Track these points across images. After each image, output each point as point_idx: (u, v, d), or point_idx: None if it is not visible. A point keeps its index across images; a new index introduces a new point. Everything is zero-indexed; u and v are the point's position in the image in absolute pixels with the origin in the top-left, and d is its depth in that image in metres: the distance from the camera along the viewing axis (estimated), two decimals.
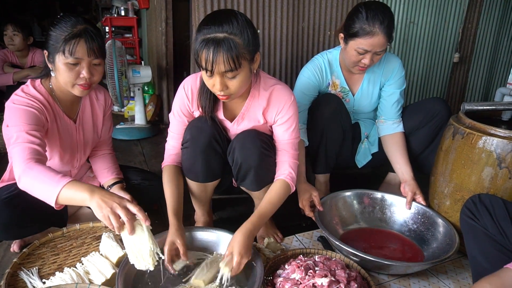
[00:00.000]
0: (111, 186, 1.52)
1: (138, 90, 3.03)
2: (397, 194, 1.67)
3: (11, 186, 1.34)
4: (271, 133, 1.45)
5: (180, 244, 1.22)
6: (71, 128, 1.45)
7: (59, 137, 1.40)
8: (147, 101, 3.54)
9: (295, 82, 1.81)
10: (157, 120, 3.43)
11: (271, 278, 1.26)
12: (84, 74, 1.29)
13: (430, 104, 1.76)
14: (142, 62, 4.33)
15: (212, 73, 1.15)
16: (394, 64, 1.75)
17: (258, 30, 2.15)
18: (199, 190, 1.50)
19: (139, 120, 3.13)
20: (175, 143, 1.44)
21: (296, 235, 1.60)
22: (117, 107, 3.67)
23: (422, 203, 1.59)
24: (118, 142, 2.94)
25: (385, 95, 1.79)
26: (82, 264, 1.29)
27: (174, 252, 1.23)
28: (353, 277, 1.22)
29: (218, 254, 1.33)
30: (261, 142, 1.34)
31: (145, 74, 2.91)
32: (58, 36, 1.25)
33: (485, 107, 1.50)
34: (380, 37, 1.53)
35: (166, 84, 3.32)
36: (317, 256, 1.33)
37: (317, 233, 1.62)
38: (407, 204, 1.60)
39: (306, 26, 2.27)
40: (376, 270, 1.39)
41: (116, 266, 1.27)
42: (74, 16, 1.29)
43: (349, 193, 1.66)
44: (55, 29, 1.26)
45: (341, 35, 1.67)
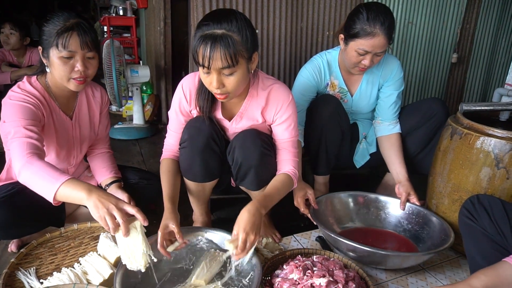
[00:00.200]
0: (109, 185, 1.52)
1: (137, 89, 3.02)
2: (394, 195, 1.67)
3: (9, 186, 1.34)
4: (270, 132, 1.45)
5: (173, 226, 1.21)
6: (67, 124, 1.45)
7: (56, 133, 1.40)
8: (145, 101, 3.54)
9: (294, 82, 1.81)
10: (155, 120, 3.43)
11: (269, 278, 1.26)
12: (78, 67, 1.29)
13: (428, 104, 1.76)
14: (141, 62, 4.32)
15: (209, 69, 1.14)
16: (393, 65, 1.76)
17: (257, 30, 2.15)
18: (197, 190, 1.50)
19: (137, 120, 3.13)
20: (173, 141, 1.45)
21: (294, 235, 1.60)
22: (115, 107, 3.66)
23: (416, 204, 1.59)
24: (116, 142, 2.93)
25: (383, 96, 1.79)
26: (80, 264, 1.28)
27: (167, 236, 1.22)
28: (351, 277, 1.22)
29: (217, 251, 1.33)
30: (261, 141, 1.34)
31: (143, 74, 2.91)
32: (51, 30, 1.27)
33: (483, 108, 1.50)
34: (380, 38, 1.53)
35: (165, 84, 3.32)
36: (315, 256, 1.33)
37: (315, 233, 1.62)
38: (401, 204, 1.60)
39: (304, 26, 2.27)
40: (373, 265, 1.39)
41: (114, 266, 1.27)
42: (66, 11, 1.30)
43: (344, 194, 1.66)
44: (48, 24, 1.28)
45: (341, 36, 1.67)
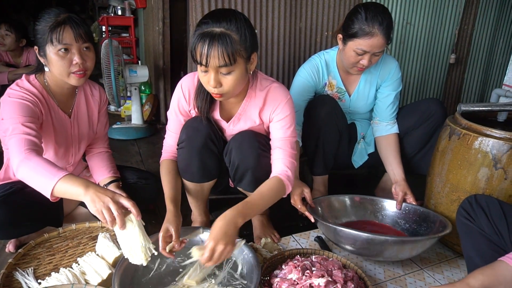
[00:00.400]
0: (107, 184, 1.51)
1: (135, 89, 3.02)
2: (392, 195, 1.67)
3: (6, 185, 1.34)
4: (268, 134, 1.45)
5: (173, 231, 1.21)
6: (66, 122, 1.45)
7: (54, 131, 1.40)
8: (144, 100, 3.54)
9: (292, 82, 1.81)
10: (153, 120, 3.42)
11: (268, 278, 1.26)
12: (76, 60, 1.30)
13: (426, 104, 1.76)
14: (139, 62, 4.32)
15: (206, 67, 1.14)
16: (391, 65, 1.76)
17: (256, 30, 2.15)
18: (196, 190, 1.50)
19: (136, 120, 3.12)
20: (173, 142, 1.45)
21: (293, 235, 1.60)
22: (113, 107, 3.65)
23: (413, 203, 1.59)
24: (114, 142, 2.93)
25: (381, 97, 1.80)
26: (78, 264, 1.28)
27: (169, 239, 1.22)
28: (350, 277, 1.22)
29: None
30: (258, 143, 1.34)
31: (142, 73, 2.90)
32: (44, 28, 1.27)
33: (481, 108, 1.51)
34: (379, 38, 1.53)
35: (163, 83, 3.31)
36: (314, 256, 1.33)
37: (314, 233, 1.62)
38: (398, 204, 1.60)
39: (303, 26, 2.27)
40: (372, 257, 1.38)
41: (112, 267, 1.26)
42: (56, 8, 1.32)
43: (341, 197, 1.66)
44: (40, 22, 1.29)
45: (339, 36, 1.67)
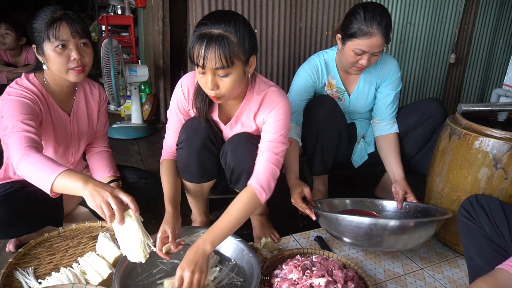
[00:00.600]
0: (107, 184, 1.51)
1: (135, 89, 3.02)
2: (392, 194, 1.67)
3: (6, 185, 1.34)
4: None
5: (170, 232, 1.21)
6: (65, 120, 1.45)
7: (53, 129, 1.41)
8: (144, 100, 3.53)
9: (291, 82, 1.81)
10: (153, 119, 3.42)
11: (269, 278, 1.26)
12: (74, 56, 1.30)
13: (426, 104, 1.76)
14: (139, 61, 4.31)
15: (203, 68, 1.13)
16: (391, 65, 1.76)
17: (256, 30, 2.15)
18: (195, 190, 1.50)
19: (136, 119, 3.12)
20: (173, 142, 1.44)
21: (293, 235, 1.60)
22: (113, 106, 3.65)
23: (414, 202, 1.59)
24: (114, 141, 2.92)
25: (380, 96, 1.80)
26: (79, 264, 1.28)
27: (166, 240, 1.22)
28: (350, 277, 1.22)
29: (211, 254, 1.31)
30: (253, 145, 1.33)
31: (141, 73, 2.90)
32: (40, 26, 1.28)
33: (481, 108, 1.51)
34: (378, 38, 1.53)
35: (163, 83, 3.31)
36: (314, 256, 1.33)
37: (314, 233, 1.62)
38: (399, 203, 1.60)
39: (303, 26, 2.27)
40: (373, 247, 1.37)
41: (112, 266, 1.26)
42: (51, 5, 1.33)
43: (342, 199, 1.66)
44: (37, 20, 1.30)
45: (338, 36, 1.67)
